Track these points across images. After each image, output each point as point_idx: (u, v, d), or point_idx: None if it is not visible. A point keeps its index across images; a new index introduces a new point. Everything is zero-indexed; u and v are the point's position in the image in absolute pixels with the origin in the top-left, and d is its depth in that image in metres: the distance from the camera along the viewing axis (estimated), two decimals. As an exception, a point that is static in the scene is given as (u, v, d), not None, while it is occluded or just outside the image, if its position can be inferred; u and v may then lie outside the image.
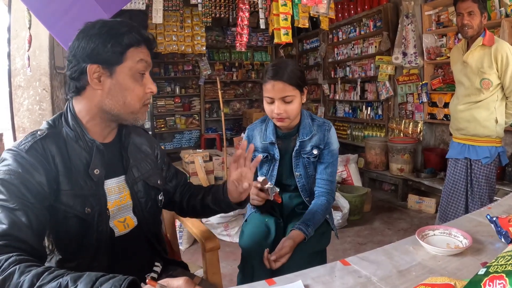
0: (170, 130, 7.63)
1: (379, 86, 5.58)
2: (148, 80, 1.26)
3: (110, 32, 1.17)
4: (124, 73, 1.19)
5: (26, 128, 3.24)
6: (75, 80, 1.19)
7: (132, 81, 1.21)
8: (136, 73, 1.21)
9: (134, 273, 0.96)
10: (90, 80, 1.17)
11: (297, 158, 1.93)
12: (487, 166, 2.70)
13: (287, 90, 1.76)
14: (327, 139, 1.91)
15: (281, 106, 1.78)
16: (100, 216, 1.21)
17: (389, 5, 5.26)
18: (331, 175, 1.93)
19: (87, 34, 1.17)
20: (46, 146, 1.13)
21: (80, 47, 1.16)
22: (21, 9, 2.81)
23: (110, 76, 1.18)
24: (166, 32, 6.36)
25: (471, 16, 2.56)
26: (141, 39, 1.22)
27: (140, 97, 1.24)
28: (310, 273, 1.15)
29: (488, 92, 2.62)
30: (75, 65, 1.17)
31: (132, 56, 1.19)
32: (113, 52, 1.16)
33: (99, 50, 1.15)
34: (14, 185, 1.03)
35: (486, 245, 1.28)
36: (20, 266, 0.89)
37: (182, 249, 3.57)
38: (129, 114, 1.24)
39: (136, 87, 1.22)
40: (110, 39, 1.16)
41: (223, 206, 1.53)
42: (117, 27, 1.19)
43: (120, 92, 1.20)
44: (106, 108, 1.21)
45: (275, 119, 1.83)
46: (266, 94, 1.81)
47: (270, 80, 1.77)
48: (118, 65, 1.18)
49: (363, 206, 4.38)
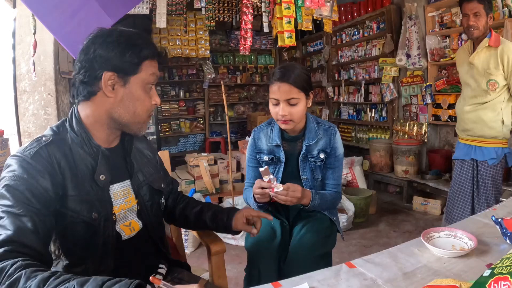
0: (175, 134, 7.65)
1: (383, 88, 5.57)
2: (154, 92, 1.30)
3: (128, 42, 1.19)
4: (137, 84, 1.22)
5: (31, 133, 3.26)
6: (87, 85, 1.19)
7: (143, 92, 1.24)
8: (147, 84, 1.24)
9: (140, 275, 0.97)
10: (104, 87, 1.18)
11: (304, 162, 1.93)
12: (494, 167, 2.69)
13: (292, 93, 1.77)
14: (333, 143, 1.93)
15: (286, 108, 1.79)
16: (106, 221, 1.21)
17: (392, 7, 5.26)
18: (338, 178, 1.98)
19: (105, 41, 1.18)
20: (51, 152, 1.13)
21: (97, 53, 1.17)
22: (26, 15, 2.84)
23: (124, 85, 1.20)
24: (170, 36, 6.40)
25: (477, 17, 2.55)
26: (156, 53, 1.25)
27: (148, 108, 1.27)
28: (316, 276, 1.15)
29: (495, 94, 2.61)
30: (89, 69, 1.18)
31: (146, 68, 1.22)
32: (130, 62, 1.19)
33: (117, 59, 1.17)
34: (19, 190, 1.04)
35: (491, 247, 1.28)
36: (26, 271, 0.89)
37: (187, 252, 3.57)
38: (136, 123, 1.27)
39: (146, 98, 1.25)
40: (128, 49, 1.18)
41: (220, 227, 1.59)
42: (135, 38, 1.22)
43: (131, 102, 1.22)
44: (116, 116, 1.23)
45: (280, 121, 1.84)
46: (272, 95, 1.83)
47: (276, 81, 1.79)
48: (133, 75, 1.20)
49: (368, 208, 4.37)
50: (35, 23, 2.63)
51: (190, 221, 1.62)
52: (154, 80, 1.27)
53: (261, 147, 1.99)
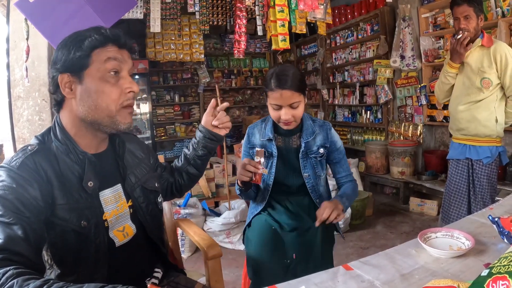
0: (170, 138, 7.63)
1: (378, 89, 5.59)
2: (126, 79, 1.22)
3: (73, 39, 1.18)
4: (92, 76, 1.17)
5: (26, 139, 3.24)
6: (54, 94, 1.21)
7: (101, 83, 1.17)
8: (105, 73, 1.18)
9: (135, 281, 0.96)
10: (63, 90, 1.17)
11: (305, 160, 1.96)
12: (489, 166, 2.71)
13: (294, 97, 1.81)
14: (331, 137, 2.00)
15: (289, 112, 1.83)
16: (96, 228, 1.20)
17: (386, 9, 5.28)
18: (347, 169, 2.08)
19: (59, 46, 1.18)
20: (37, 161, 1.12)
21: (53, 59, 1.18)
22: (19, 20, 2.82)
23: (80, 82, 1.17)
24: (164, 40, 6.39)
25: (468, 20, 2.59)
26: (102, 39, 1.18)
27: (114, 98, 1.19)
28: (313, 279, 1.14)
29: (488, 92, 2.64)
30: (52, 79, 1.19)
31: (98, 57, 1.17)
32: (77, 58, 1.15)
33: (65, 59, 1.16)
34: (8, 200, 1.02)
35: (488, 246, 1.28)
36: (18, 280, 0.87)
37: (184, 257, 3.56)
38: (105, 118, 1.20)
39: (107, 88, 1.18)
40: (73, 46, 1.16)
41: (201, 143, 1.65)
42: (82, 33, 1.19)
43: (89, 97, 1.17)
44: (82, 116, 1.19)
45: (282, 123, 1.88)
46: (273, 102, 1.85)
47: (277, 89, 1.81)
48: (85, 69, 1.17)
49: (365, 210, 4.37)
50: (28, 28, 2.62)
51: (191, 172, 1.70)
52: (115, 65, 1.19)
53: (254, 142, 2.04)
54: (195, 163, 1.68)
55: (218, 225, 3.69)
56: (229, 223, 3.69)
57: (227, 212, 3.76)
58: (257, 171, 1.73)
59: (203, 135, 1.64)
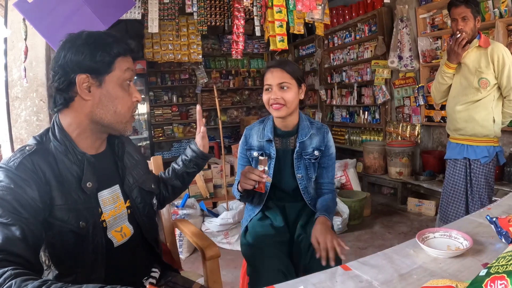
0: (168, 139, 7.62)
1: (375, 90, 5.59)
2: (134, 89, 1.28)
3: (98, 42, 1.18)
4: (113, 82, 1.20)
5: (24, 140, 3.23)
6: (63, 92, 1.18)
7: (121, 90, 1.22)
8: (124, 81, 1.23)
9: (133, 281, 0.95)
10: (80, 91, 1.17)
11: (299, 160, 1.95)
12: (486, 165, 2.72)
13: (284, 77, 1.86)
14: (327, 141, 1.99)
15: (278, 92, 1.86)
16: (94, 228, 1.20)
17: (384, 9, 5.29)
18: (332, 178, 2.04)
19: (74, 45, 1.17)
20: (35, 161, 1.11)
21: (68, 58, 1.16)
22: (17, 20, 2.81)
23: (100, 85, 1.19)
24: (162, 41, 6.38)
25: (465, 21, 2.61)
26: (128, 49, 1.24)
27: (129, 106, 1.26)
28: (311, 279, 1.14)
29: (485, 92, 2.65)
30: (62, 76, 1.17)
31: (120, 65, 1.21)
32: (102, 62, 1.17)
33: (88, 60, 1.16)
34: (6, 200, 1.02)
35: (486, 246, 1.28)
36: (16, 281, 0.87)
37: (182, 258, 3.55)
38: (120, 123, 1.25)
39: (125, 96, 1.24)
40: (98, 49, 1.17)
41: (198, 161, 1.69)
42: (104, 37, 1.20)
43: (110, 101, 1.21)
44: (97, 118, 1.21)
45: (272, 107, 1.88)
46: (265, 82, 1.91)
47: (269, 68, 1.89)
48: (107, 74, 1.19)
49: (363, 210, 4.37)
50: (26, 28, 2.62)
51: (177, 185, 1.72)
52: (131, 76, 1.25)
53: (251, 143, 2.03)
54: (183, 178, 1.72)
55: (216, 225, 3.68)
56: (227, 224, 3.69)
57: (225, 213, 3.75)
58: (261, 179, 1.71)
59: (197, 154, 1.68)
